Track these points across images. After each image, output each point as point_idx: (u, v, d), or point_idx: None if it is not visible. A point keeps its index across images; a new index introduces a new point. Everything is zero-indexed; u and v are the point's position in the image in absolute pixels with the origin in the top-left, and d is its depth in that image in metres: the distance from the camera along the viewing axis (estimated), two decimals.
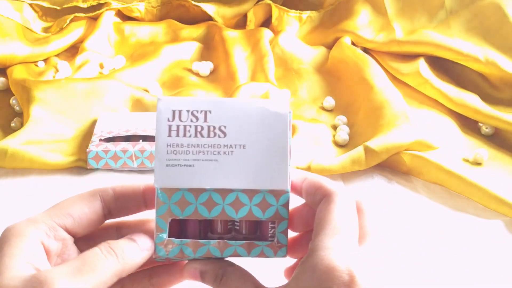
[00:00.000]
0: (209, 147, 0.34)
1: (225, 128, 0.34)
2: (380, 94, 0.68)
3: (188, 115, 0.34)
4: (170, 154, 0.34)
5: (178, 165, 0.34)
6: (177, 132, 0.34)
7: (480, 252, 0.51)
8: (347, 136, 0.65)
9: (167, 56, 0.80)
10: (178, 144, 0.34)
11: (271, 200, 0.34)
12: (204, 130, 0.34)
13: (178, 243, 0.34)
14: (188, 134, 0.34)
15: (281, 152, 0.34)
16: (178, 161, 0.34)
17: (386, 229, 0.53)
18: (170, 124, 0.34)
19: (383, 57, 0.80)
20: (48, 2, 0.85)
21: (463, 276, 0.48)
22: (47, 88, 0.68)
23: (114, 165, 0.59)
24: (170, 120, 0.34)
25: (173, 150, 0.34)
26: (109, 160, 0.59)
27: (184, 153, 0.34)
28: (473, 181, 0.57)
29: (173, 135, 0.34)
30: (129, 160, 0.59)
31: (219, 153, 0.34)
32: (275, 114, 0.34)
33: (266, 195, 0.34)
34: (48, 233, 0.33)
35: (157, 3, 0.89)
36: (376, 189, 0.59)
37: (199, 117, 0.34)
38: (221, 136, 0.34)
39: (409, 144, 0.61)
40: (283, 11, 0.87)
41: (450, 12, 0.78)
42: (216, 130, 0.34)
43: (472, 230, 0.54)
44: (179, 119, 0.34)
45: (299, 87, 0.76)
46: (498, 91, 0.73)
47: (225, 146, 0.34)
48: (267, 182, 0.34)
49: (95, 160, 0.58)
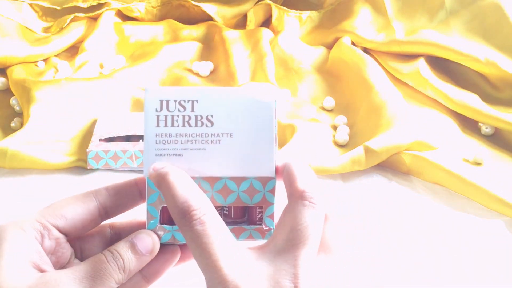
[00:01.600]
0: (197, 136, 0.35)
1: (212, 118, 0.35)
2: (380, 94, 0.68)
3: (175, 105, 0.35)
4: (159, 144, 0.35)
5: (167, 155, 0.35)
6: (165, 122, 0.35)
7: (480, 252, 0.51)
8: (347, 136, 0.65)
9: (167, 56, 0.80)
10: (166, 134, 0.35)
11: (258, 186, 0.35)
12: (192, 120, 0.35)
13: (170, 229, 0.35)
14: (176, 123, 0.35)
15: (267, 140, 0.35)
16: (167, 151, 0.35)
17: (386, 229, 0.53)
18: (158, 114, 0.35)
19: (383, 57, 0.80)
20: (48, 2, 0.85)
21: (463, 276, 0.48)
22: (47, 88, 0.68)
23: (114, 165, 0.59)
24: (158, 110, 0.35)
25: (162, 140, 0.35)
26: (109, 160, 0.59)
27: (173, 143, 0.35)
28: (473, 181, 0.57)
29: (161, 125, 0.35)
30: (129, 160, 0.59)
31: (206, 142, 0.35)
32: (261, 102, 0.35)
33: (253, 181, 0.35)
34: (42, 232, 0.33)
35: (157, 3, 0.89)
36: (376, 189, 0.59)
37: (186, 107, 0.35)
38: (208, 125, 0.35)
39: (408, 145, 0.61)
40: (283, 11, 0.87)
41: (450, 12, 0.78)
42: (204, 119, 0.35)
43: (472, 230, 0.54)
44: (166, 109, 0.35)
45: (299, 87, 0.76)
46: (498, 91, 0.73)
47: (212, 135, 0.35)
48: (254, 170, 0.35)
49: (95, 160, 0.58)
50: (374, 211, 0.56)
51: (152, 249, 0.34)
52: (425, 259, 0.50)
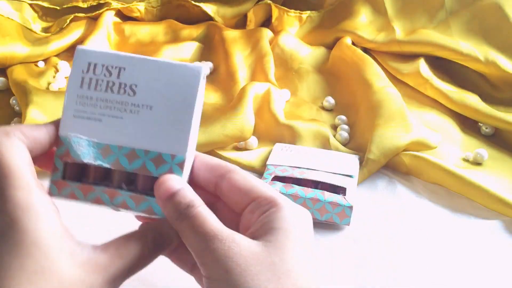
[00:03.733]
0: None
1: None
2: (378, 94, 0.68)
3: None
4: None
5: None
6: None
7: (480, 252, 0.51)
8: (347, 136, 0.66)
9: (167, 56, 0.80)
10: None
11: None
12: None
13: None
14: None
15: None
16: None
17: (386, 229, 0.53)
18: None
19: (383, 57, 0.80)
20: (48, 2, 0.85)
21: (463, 276, 0.48)
22: (46, 94, 0.67)
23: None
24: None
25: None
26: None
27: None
28: (473, 181, 0.57)
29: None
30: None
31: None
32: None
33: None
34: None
35: (157, 3, 0.89)
36: (376, 189, 0.59)
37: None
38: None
39: (407, 145, 0.61)
40: (283, 11, 0.87)
41: (450, 12, 0.78)
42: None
43: (472, 230, 0.54)
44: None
45: (299, 87, 0.76)
46: (498, 91, 0.73)
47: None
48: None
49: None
50: (374, 211, 0.56)
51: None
52: (425, 259, 0.50)
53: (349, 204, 0.51)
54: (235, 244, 0.30)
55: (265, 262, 0.30)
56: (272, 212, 0.32)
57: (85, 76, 0.35)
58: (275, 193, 0.34)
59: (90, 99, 0.35)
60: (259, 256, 0.30)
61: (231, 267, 0.29)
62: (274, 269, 0.30)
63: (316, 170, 0.55)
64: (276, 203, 0.33)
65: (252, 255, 0.30)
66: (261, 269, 0.30)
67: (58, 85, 0.72)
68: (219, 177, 0.35)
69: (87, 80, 0.35)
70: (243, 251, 0.30)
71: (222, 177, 0.35)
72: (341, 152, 0.62)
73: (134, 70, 0.35)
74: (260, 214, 0.33)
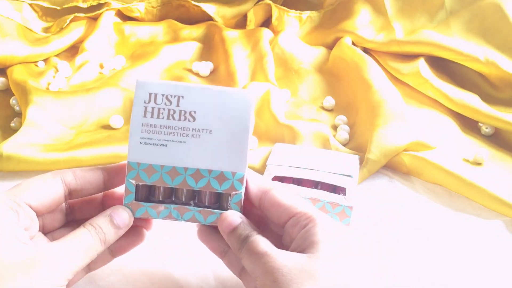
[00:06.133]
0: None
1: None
2: (378, 94, 0.68)
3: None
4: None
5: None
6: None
7: (480, 252, 0.51)
8: (347, 136, 0.66)
9: (167, 56, 0.80)
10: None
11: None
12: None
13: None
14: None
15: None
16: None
17: (386, 229, 0.53)
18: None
19: (383, 57, 0.80)
20: (48, 2, 0.85)
21: (463, 276, 0.48)
22: (46, 95, 0.67)
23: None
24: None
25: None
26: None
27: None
28: (473, 181, 0.57)
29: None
30: None
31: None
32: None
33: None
34: (18, 210, 0.35)
35: (157, 3, 0.89)
36: (376, 189, 0.59)
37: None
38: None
39: (407, 145, 0.61)
40: (283, 11, 0.87)
41: (450, 12, 0.78)
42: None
43: (472, 230, 0.54)
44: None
45: (299, 87, 0.76)
46: (498, 91, 0.73)
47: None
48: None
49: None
50: (374, 211, 0.56)
51: (128, 223, 0.38)
52: (425, 259, 0.50)
53: (349, 204, 0.51)
54: (282, 258, 0.34)
55: (308, 271, 0.34)
56: (311, 227, 0.36)
57: (147, 106, 0.38)
58: (312, 209, 0.38)
59: (154, 126, 0.38)
60: (302, 267, 0.34)
61: (277, 278, 0.33)
62: (316, 277, 0.33)
63: (316, 170, 0.55)
64: (313, 218, 0.37)
65: (296, 266, 0.34)
66: (304, 278, 0.33)
67: (58, 85, 0.72)
68: (263, 193, 0.39)
69: (149, 109, 0.38)
70: (288, 264, 0.34)
71: (266, 194, 0.39)
72: (341, 152, 0.62)
73: (191, 98, 0.38)
74: (300, 229, 0.37)
